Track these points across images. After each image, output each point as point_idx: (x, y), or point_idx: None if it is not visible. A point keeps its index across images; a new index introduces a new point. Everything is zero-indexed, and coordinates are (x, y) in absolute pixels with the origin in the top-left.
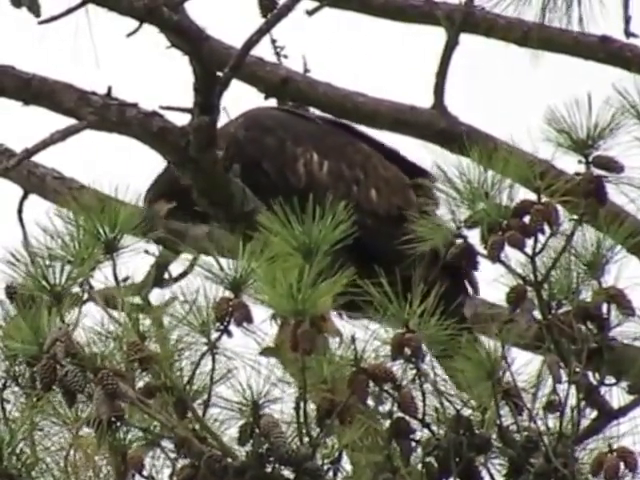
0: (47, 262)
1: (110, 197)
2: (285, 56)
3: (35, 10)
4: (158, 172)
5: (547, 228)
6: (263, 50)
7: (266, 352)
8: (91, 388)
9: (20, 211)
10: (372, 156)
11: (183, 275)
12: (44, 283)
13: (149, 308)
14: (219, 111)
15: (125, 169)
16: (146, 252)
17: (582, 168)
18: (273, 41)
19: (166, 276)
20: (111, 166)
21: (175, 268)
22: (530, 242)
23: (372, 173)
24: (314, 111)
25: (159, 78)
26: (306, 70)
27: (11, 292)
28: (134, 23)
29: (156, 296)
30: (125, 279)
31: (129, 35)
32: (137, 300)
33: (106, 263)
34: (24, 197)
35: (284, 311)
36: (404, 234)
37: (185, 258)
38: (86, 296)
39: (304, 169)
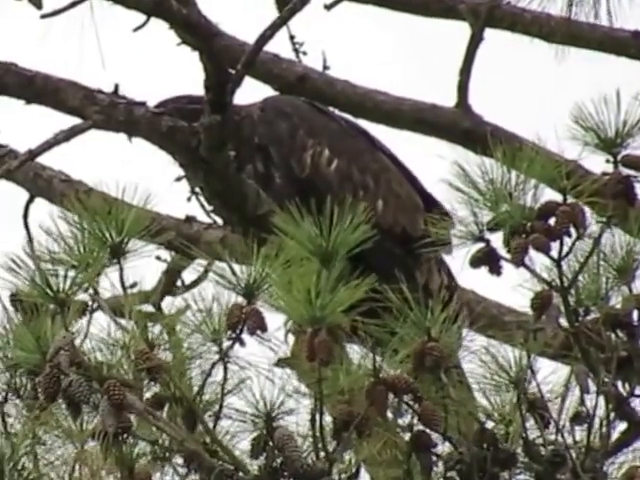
0: (50, 267)
1: (117, 200)
2: (304, 53)
3: (37, 2)
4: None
5: (574, 231)
6: (282, 47)
7: (281, 363)
8: (97, 399)
9: (26, 215)
10: (389, 170)
11: (196, 282)
12: (47, 289)
13: (160, 316)
14: (231, 110)
15: (133, 170)
16: (157, 258)
17: (610, 168)
18: (291, 37)
19: (178, 283)
20: (118, 167)
21: (188, 275)
22: (556, 245)
23: (383, 185)
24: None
25: (168, 76)
26: (325, 67)
27: (15, 300)
28: (141, 17)
29: (168, 304)
30: (133, 285)
31: (136, 30)
32: (147, 308)
33: (113, 268)
34: (30, 201)
35: (300, 318)
36: (402, 257)
37: (198, 264)
38: (92, 303)
39: (310, 160)
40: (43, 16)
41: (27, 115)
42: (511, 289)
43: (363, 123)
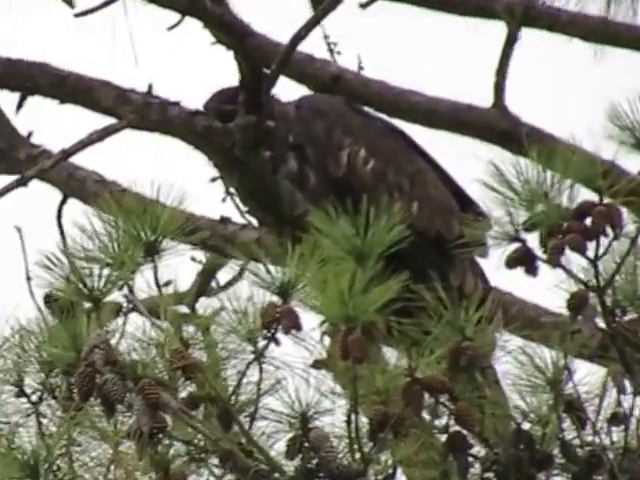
0: (85, 265)
1: (151, 200)
2: (338, 52)
3: (69, 1)
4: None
5: (610, 231)
6: (316, 47)
7: (317, 364)
8: (131, 398)
9: (59, 216)
10: (425, 172)
11: (231, 283)
12: (82, 287)
13: (194, 317)
14: (266, 110)
15: (167, 171)
16: (192, 259)
17: None
18: (325, 37)
19: (213, 284)
20: (152, 168)
21: (223, 276)
22: (592, 245)
23: (419, 187)
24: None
25: (203, 75)
26: (360, 67)
27: (50, 300)
28: (175, 16)
29: (202, 305)
30: (167, 283)
31: (170, 29)
32: (182, 309)
33: (147, 267)
34: (63, 201)
35: (334, 317)
36: (436, 259)
37: (233, 264)
38: (127, 303)
39: (346, 160)
40: (76, 15)
41: (61, 115)
42: (547, 290)
43: (398, 123)
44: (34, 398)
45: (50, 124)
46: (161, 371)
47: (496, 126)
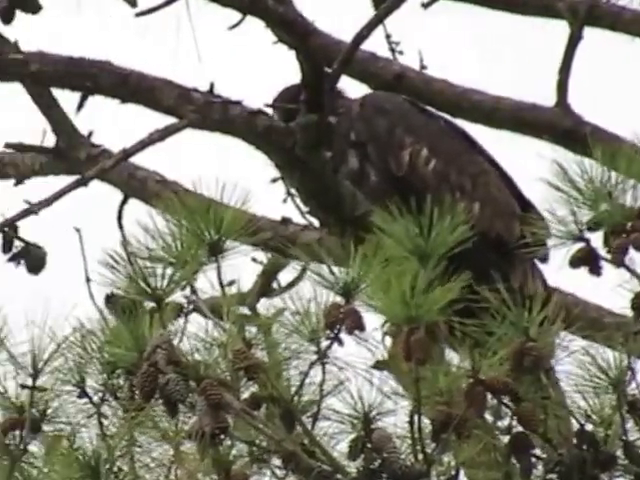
0: (148, 264)
1: (213, 200)
2: (400, 52)
3: (131, 1)
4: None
5: None
6: (378, 47)
7: (379, 365)
8: (194, 398)
9: (120, 216)
10: (488, 173)
11: (293, 283)
12: (144, 286)
13: (257, 317)
14: (328, 109)
15: (228, 171)
16: (253, 260)
17: None
18: (387, 36)
19: (275, 285)
20: (213, 168)
21: (284, 276)
22: None
23: (481, 188)
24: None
25: (265, 74)
26: (422, 66)
27: (111, 300)
28: (237, 15)
29: (264, 305)
30: (230, 283)
31: (231, 28)
32: (244, 310)
33: (210, 267)
34: (124, 201)
35: (397, 318)
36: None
37: (295, 265)
38: (190, 303)
39: (408, 159)
40: (138, 14)
41: (121, 115)
42: (610, 290)
43: (460, 122)
44: (96, 399)
45: (110, 124)
46: (223, 371)
47: (559, 125)
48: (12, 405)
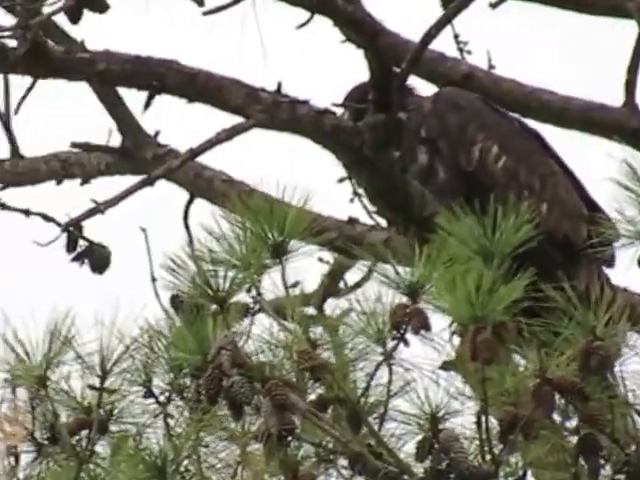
0: (211, 267)
1: (279, 200)
2: (469, 52)
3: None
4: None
5: None
6: (446, 47)
7: (446, 365)
8: (259, 400)
9: (186, 216)
10: (557, 175)
11: (359, 284)
12: (207, 289)
13: (322, 318)
14: (396, 108)
15: (296, 171)
16: (320, 260)
17: None
18: (455, 36)
19: (341, 285)
20: (280, 168)
21: (351, 277)
22: None
23: (550, 189)
24: None
25: (332, 74)
26: (491, 66)
27: (176, 301)
28: (305, 14)
29: (330, 306)
30: (295, 284)
31: (300, 27)
32: (309, 310)
33: (274, 269)
34: (190, 201)
35: (462, 318)
36: (563, 263)
37: (362, 265)
38: (254, 304)
39: (479, 155)
40: (205, 13)
41: (188, 114)
42: None
43: (529, 122)
44: (162, 399)
45: (177, 124)
46: (289, 372)
47: (627, 125)
48: (79, 405)
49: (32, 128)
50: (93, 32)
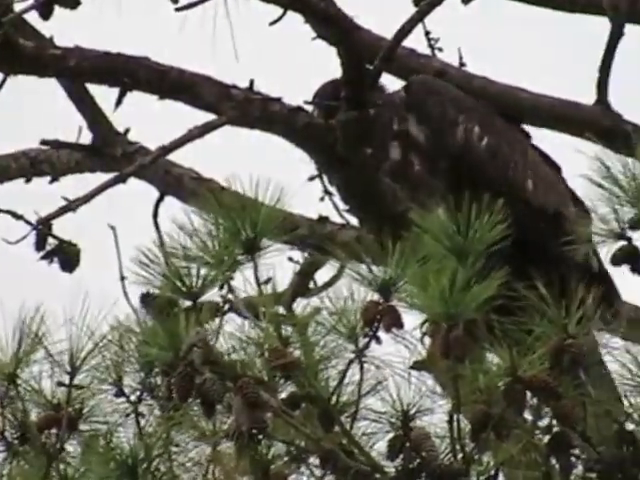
0: (183, 263)
1: (250, 199)
2: (440, 49)
3: None
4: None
5: None
6: (417, 43)
7: (418, 365)
8: (230, 398)
9: (156, 214)
10: (534, 154)
11: (331, 282)
12: (180, 285)
13: (293, 316)
14: (369, 105)
15: (265, 169)
16: (290, 259)
17: None
18: (427, 33)
19: (311, 285)
20: (249, 166)
21: (321, 276)
22: None
23: (532, 165)
24: None
25: (304, 71)
26: (462, 64)
27: (147, 300)
28: (278, 10)
29: (300, 305)
30: (267, 281)
31: (272, 24)
32: (280, 309)
33: (246, 266)
34: (160, 199)
35: (436, 315)
36: (558, 235)
37: (333, 264)
38: (226, 302)
39: (463, 135)
40: (177, 9)
41: (158, 111)
42: None
43: None
44: (133, 397)
45: (148, 121)
46: (260, 370)
47: (599, 123)
48: (49, 403)
49: (0, 126)
50: (61, 29)
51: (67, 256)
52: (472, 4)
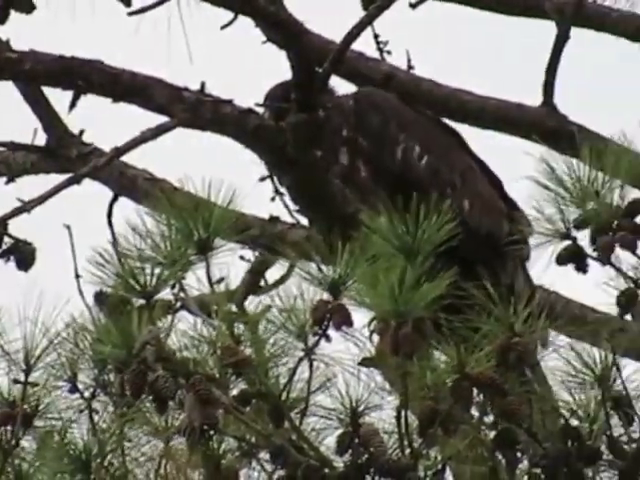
0: (137, 263)
1: (203, 199)
2: (388, 52)
3: (125, 0)
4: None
5: None
6: (366, 47)
7: (366, 362)
8: (183, 395)
9: (110, 215)
10: (475, 172)
11: (281, 281)
12: (134, 284)
13: (244, 314)
14: (318, 108)
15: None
16: (241, 258)
17: None
18: (376, 36)
19: (262, 283)
20: (201, 167)
21: (272, 274)
22: None
23: (470, 186)
24: None
25: (255, 74)
26: (410, 67)
27: (101, 298)
28: (229, 15)
29: (252, 303)
30: (219, 280)
31: (223, 27)
32: (232, 307)
33: (199, 266)
34: (114, 200)
35: (385, 313)
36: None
37: (283, 262)
38: (178, 300)
39: (402, 155)
40: (130, 13)
41: (113, 113)
42: (596, 287)
43: (448, 122)
44: (87, 394)
45: (102, 122)
46: (212, 368)
47: (544, 125)
48: (4, 400)
49: None
50: (17, 32)
51: (23, 255)
52: (420, 7)
